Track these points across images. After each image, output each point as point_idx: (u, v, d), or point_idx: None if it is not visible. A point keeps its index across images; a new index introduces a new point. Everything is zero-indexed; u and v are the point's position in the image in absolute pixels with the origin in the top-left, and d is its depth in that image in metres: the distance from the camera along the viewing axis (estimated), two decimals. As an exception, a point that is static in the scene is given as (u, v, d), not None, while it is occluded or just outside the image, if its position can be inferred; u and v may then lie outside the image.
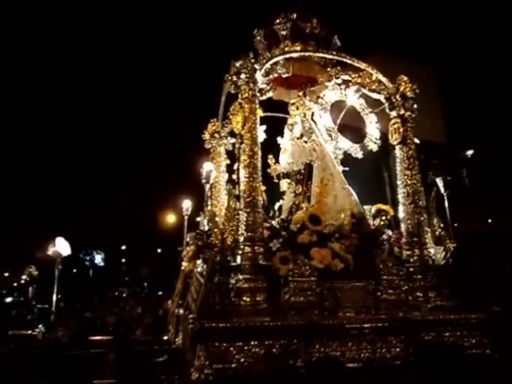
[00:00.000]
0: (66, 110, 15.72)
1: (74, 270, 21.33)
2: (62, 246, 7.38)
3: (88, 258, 24.14)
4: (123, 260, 24.90)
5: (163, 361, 4.54)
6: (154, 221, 18.99)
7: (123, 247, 24.23)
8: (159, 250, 22.47)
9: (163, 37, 13.96)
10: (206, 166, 4.85)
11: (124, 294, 17.42)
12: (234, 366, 3.33)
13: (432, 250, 4.47)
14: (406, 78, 4.89)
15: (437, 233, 4.58)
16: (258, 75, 4.39)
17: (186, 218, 6.23)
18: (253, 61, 4.36)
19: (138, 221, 18.96)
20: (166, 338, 5.37)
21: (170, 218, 18.29)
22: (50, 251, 7.28)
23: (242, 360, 3.36)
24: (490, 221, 13.44)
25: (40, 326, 5.90)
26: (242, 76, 4.28)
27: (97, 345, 5.46)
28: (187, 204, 6.32)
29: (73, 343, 5.23)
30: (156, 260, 21.15)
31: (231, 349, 3.37)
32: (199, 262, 4.04)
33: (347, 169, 5.71)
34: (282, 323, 3.55)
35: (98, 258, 25.03)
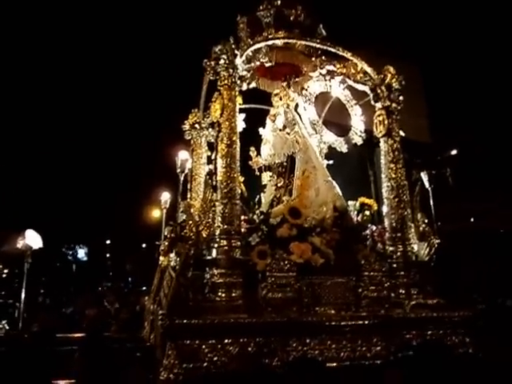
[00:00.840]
0: (43, 99, 15.31)
1: (56, 265, 20.94)
2: (31, 239, 7.12)
3: (71, 252, 23.73)
4: (107, 255, 24.56)
5: (135, 359, 4.35)
6: (138, 215, 18.73)
7: (107, 242, 23.90)
8: (144, 245, 22.20)
9: (143, 22, 13.67)
10: (181, 155, 4.66)
11: (106, 289, 17.17)
12: (205, 365, 3.16)
13: (415, 246, 4.35)
14: (391, 69, 4.77)
15: (421, 228, 4.45)
16: (239, 61, 4.22)
17: (165, 211, 6.04)
18: (233, 46, 4.18)
19: (123, 215, 18.67)
20: (141, 334, 5.19)
21: (155, 213, 18.02)
22: (20, 244, 7.02)
23: (215, 359, 3.20)
24: (472, 220, 13.50)
25: (3, 322, 5.65)
26: (221, 62, 4.10)
27: (68, 342, 5.26)
28: (165, 197, 6.13)
29: (37, 340, 5.00)
30: (140, 255, 20.88)
31: (203, 347, 3.20)
32: (172, 255, 3.86)
33: (331, 162, 5.58)
34: (258, 320, 3.39)
35: (81, 253, 24.62)
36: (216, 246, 3.66)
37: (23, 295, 6.45)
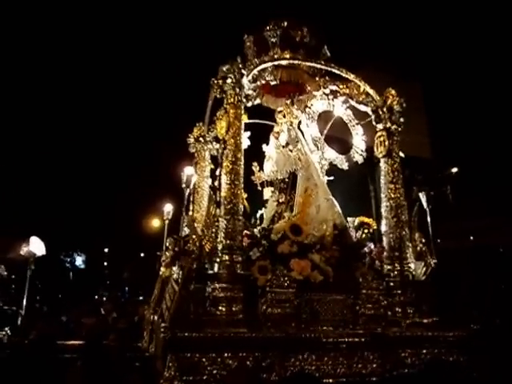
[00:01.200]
0: (43, 107, 15.45)
1: (53, 272, 20.88)
2: (36, 246, 7.17)
3: (68, 259, 23.68)
4: (105, 263, 24.51)
5: (134, 369, 4.39)
6: (138, 224, 18.76)
7: (106, 250, 23.87)
8: (142, 254, 22.17)
9: (151, 38, 13.88)
10: (187, 171, 4.76)
11: (104, 298, 17.12)
12: (205, 378, 3.22)
13: (412, 265, 4.43)
14: (393, 92, 4.88)
15: (418, 248, 4.55)
16: (245, 81, 4.34)
17: (167, 222, 6.12)
18: (240, 66, 4.30)
19: (122, 224, 18.70)
20: (139, 345, 5.23)
21: (155, 223, 18.05)
22: (24, 251, 7.07)
23: (215, 372, 3.26)
24: (471, 238, 13.57)
25: (6, 328, 5.68)
26: (229, 81, 4.22)
27: (67, 350, 5.28)
28: (168, 208, 6.21)
29: (37, 348, 5.03)
30: (138, 264, 20.83)
31: (203, 360, 3.26)
32: (175, 268, 3.93)
33: (332, 178, 5.68)
34: (258, 335, 3.46)
35: (79, 260, 24.57)
36: (218, 260, 3.74)
37: (25, 302, 6.50)
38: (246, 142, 4.58)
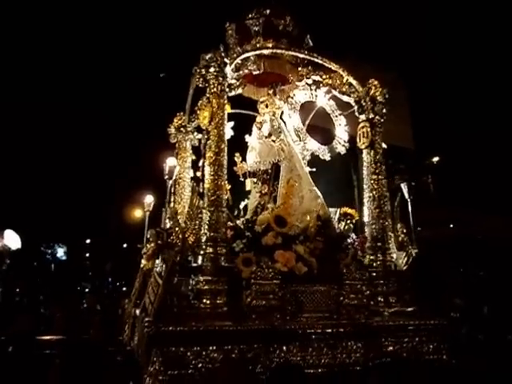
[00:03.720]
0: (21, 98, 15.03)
1: (34, 264, 20.55)
2: (10, 239, 7.00)
3: (49, 251, 23.31)
4: (87, 254, 24.20)
5: (116, 363, 4.35)
6: (120, 215, 18.54)
7: (87, 241, 23.55)
8: (125, 245, 21.95)
9: (130, 25, 13.56)
10: (169, 162, 4.69)
11: (86, 290, 16.96)
12: (190, 371, 3.20)
13: (394, 255, 4.48)
14: (376, 82, 4.88)
15: (400, 238, 4.60)
16: (228, 70, 4.27)
17: (148, 214, 6.03)
18: (223, 54, 4.23)
19: (104, 215, 18.46)
20: (121, 338, 5.17)
21: (137, 213, 17.86)
22: (-2, 244, 6.90)
23: (200, 365, 3.23)
24: (451, 226, 13.81)
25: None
26: (211, 70, 4.15)
27: (46, 345, 5.20)
28: (149, 199, 6.12)
29: (15, 343, 4.93)
30: (121, 255, 20.63)
31: (188, 354, 3.23)
32: (158, 261, 3.89)
33: (314, 170, 5.67)
34: (242, 327, 3.44)
35: (61, 252, 24.21)
36: (202, 252, 3.70)
37: (0, 297, 6.32)
38: (229, 133, 4.53)
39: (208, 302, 3.56)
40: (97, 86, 14.77)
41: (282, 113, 5.69)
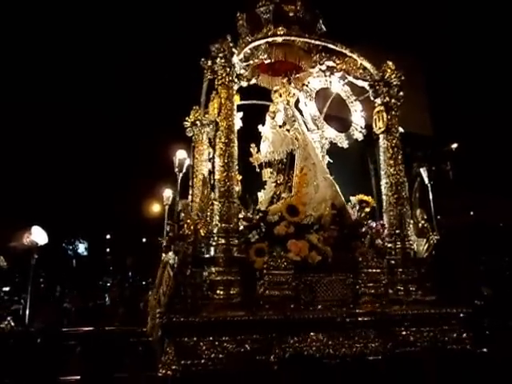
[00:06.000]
0: (39, 97, 15.25)
1: (56, 260, 20.98)
2: (38, 235, 7.14)
3: (71, 247, 23.74)
4: (108, 249, 24.56)
5: (136, 354, 4.39)
6: (139, 210, 18.72)
7: (108, 236, 23.89)
8: (144, 240, 22.19)
9: (142, 19, 13.59)
10: (179, 154, 4.66)
11: (108, 284, 17.25)
12: (203, 361, 3.19)
13: (414, 243, 4.35)
14: (391, 65, 4.73)
15: (419, 225, 4.45)
16: (236, 60, 4.20)
17: (167, 207, 6.05)
18: (230, 44, 4.15)
19: (123, 209, 18.66)
20: (143, 330, 5.21)
21: (156, 207, 18.01)
22: (26, 240, 7.05)
23: (213, 356, 3.23)
24: (472, 213, 13.49)
25: (8, 318, 5.68)
26: (218, 60, 4.08)
27: (71, 337, 5.30)
28: (168, 193, 6.13)
29: (43, 336, 5.04)
30: (141, 249, 20.87)
31: (201, 344, 3.23)
32: (170, 253, 3.88)
33: (331, 161, 5.58)
34: (256, 317, 3.41)
35: (82, 248, 24.64)
36: (214, 244, 3.68)
37: (29, 291, 6.46)
38: (238, 123, 4.47)
39: (221, 292, 3.54)
40: (117, 82, 14.86)
41: (298, 101, 5.60)
